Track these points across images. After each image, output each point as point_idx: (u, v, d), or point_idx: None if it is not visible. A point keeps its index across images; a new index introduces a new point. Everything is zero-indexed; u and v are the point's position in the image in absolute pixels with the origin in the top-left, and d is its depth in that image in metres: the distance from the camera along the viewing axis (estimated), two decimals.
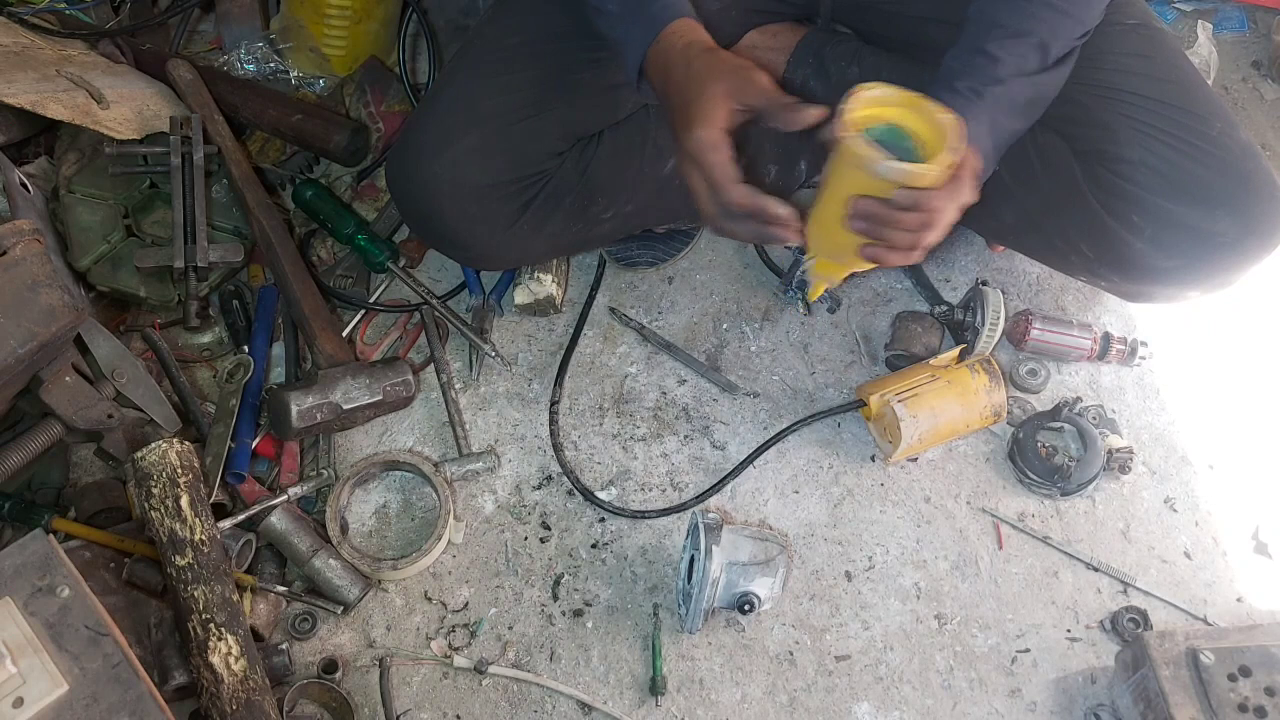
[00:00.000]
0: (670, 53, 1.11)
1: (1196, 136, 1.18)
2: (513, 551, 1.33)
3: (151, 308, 1.43)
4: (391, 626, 1.28)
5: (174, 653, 1.10)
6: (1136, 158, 1.19)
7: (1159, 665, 1.11)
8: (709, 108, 1.05)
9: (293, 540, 1.26)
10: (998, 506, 1.35)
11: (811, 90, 1.43)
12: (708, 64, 1.08)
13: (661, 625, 1.27)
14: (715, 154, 1.04)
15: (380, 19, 1.67)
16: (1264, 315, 1.51)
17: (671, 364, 1.46)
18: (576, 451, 1.40)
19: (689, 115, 1.06)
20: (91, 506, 1.25)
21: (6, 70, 1.38)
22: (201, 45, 1.74)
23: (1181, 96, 1.21)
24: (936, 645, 1.26)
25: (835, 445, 1.40)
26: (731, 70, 1.07)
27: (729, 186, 1.04)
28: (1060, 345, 1.43)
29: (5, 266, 1.10)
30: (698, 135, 1.04)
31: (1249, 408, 1.44)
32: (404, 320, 1.51)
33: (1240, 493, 1.37)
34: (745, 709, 1.22)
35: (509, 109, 1.24)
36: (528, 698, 1.23)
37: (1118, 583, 1.30)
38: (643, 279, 1.54)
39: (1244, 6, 1.83)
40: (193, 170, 1.42)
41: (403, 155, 1.29)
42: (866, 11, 1.41)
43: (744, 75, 1.06)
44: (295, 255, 1.43)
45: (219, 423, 1.32)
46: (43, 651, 0.95)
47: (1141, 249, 1.21)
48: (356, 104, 1.62)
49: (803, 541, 1.33)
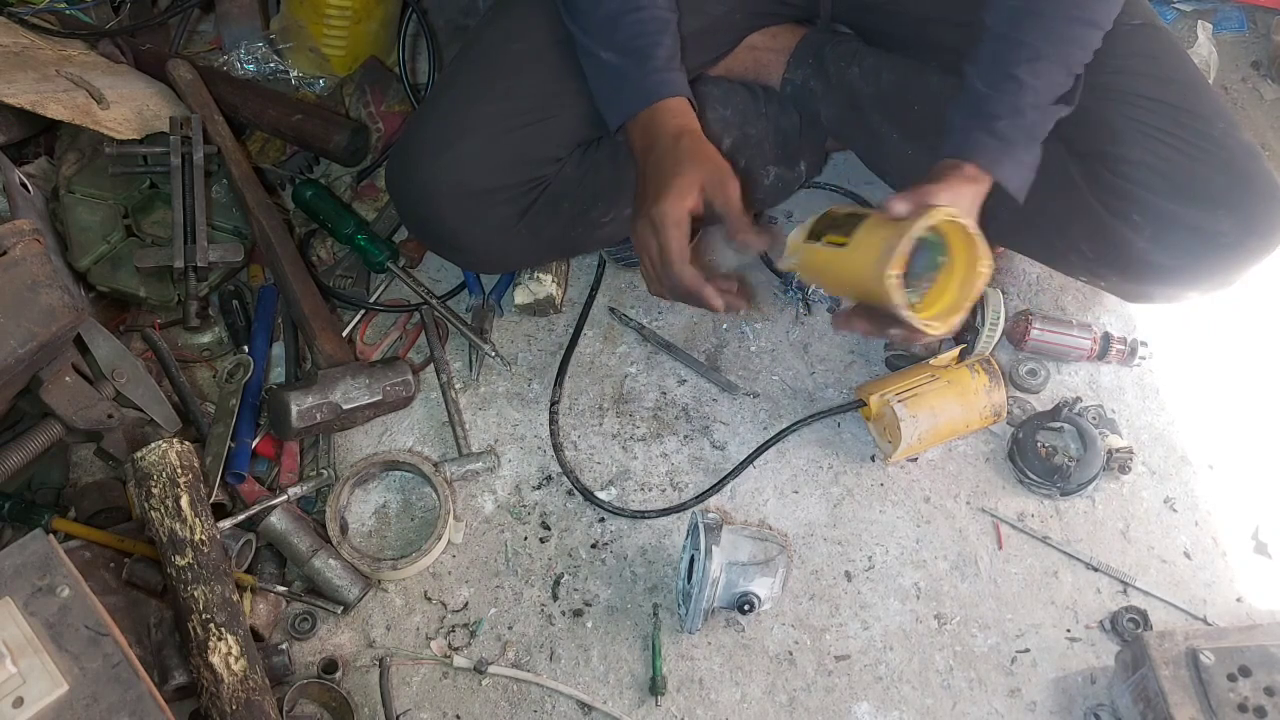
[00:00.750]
0: (661, 126, 1.17)
1: (1198, 137, 1.18)
2: (513, 551, 1.33)
3: (151, 308, 1.43)
4: (391, 626, 1.28)
5: (174, 653, 1.10)
6: (1138, 158, 1.19)
7: (1159, 665, 1.11)
8: (683, 187, 1.11)
9: (293, 540, 1.26)
10: (998, 506, 1.35)
11: (811, 90, 1.43)
12: (693, 150, 1.14)
13: (661, 625, 1.27)
14: (676, 230, 1.11)
15: (380, 19, 1.67)
16: (1264, 315, 1.51)
17: (671, 364, 1.46)
18: (576, 451, 1.40)
19: (661, 187, 1.12)
20: (91, 506, 1.25)
21: (6, 70, 1.38)
22: (201, 45, 1.74)
23: (1184, 97, 1.21)
24: (936, 645, 1.26)
25: (835, 445, 1.40)
26: (714, 167, 1.14)
27: (680, 266, 1.12)
28: (1060, 345, 1.43)
29: (5, 266, 1.10)
30: (665, 209, 1.11)
31: (1249, 408, 1.44)
32: (404, 320, 1.51)
33: (1240, 493, 1.37)
34: (745, 709, 1.22)
35: (509, 115, 1.25)
36: (528, 698, 1.23)
37: (1117, 583, 1.30)
38: (643, 279, 1.54)
39: (1244, 6, 1.83)
40: (193, 170, 1.42)
41: (403, 159, 1.29)
42: (867, 12, 1.41)
43: (721, 176, 1.13)
44: (295, 255, 1.43)
45: (219, 423, 1.32)
46: (43, 651, 0.95)
47: (1142, 248, 1.21)
48: (356, 104, 1.62)
49: (802, 541, 1.33)
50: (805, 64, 1.43)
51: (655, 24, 1.19)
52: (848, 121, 1.43)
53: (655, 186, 1.12)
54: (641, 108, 1.18)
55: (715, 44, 1.39)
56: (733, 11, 1.38)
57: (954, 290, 1.08)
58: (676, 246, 1.11)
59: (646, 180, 1.15)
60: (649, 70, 1.18)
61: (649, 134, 1.17)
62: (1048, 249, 1.34)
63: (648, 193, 1.14)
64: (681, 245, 1.11)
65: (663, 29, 1.19)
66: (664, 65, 1.18)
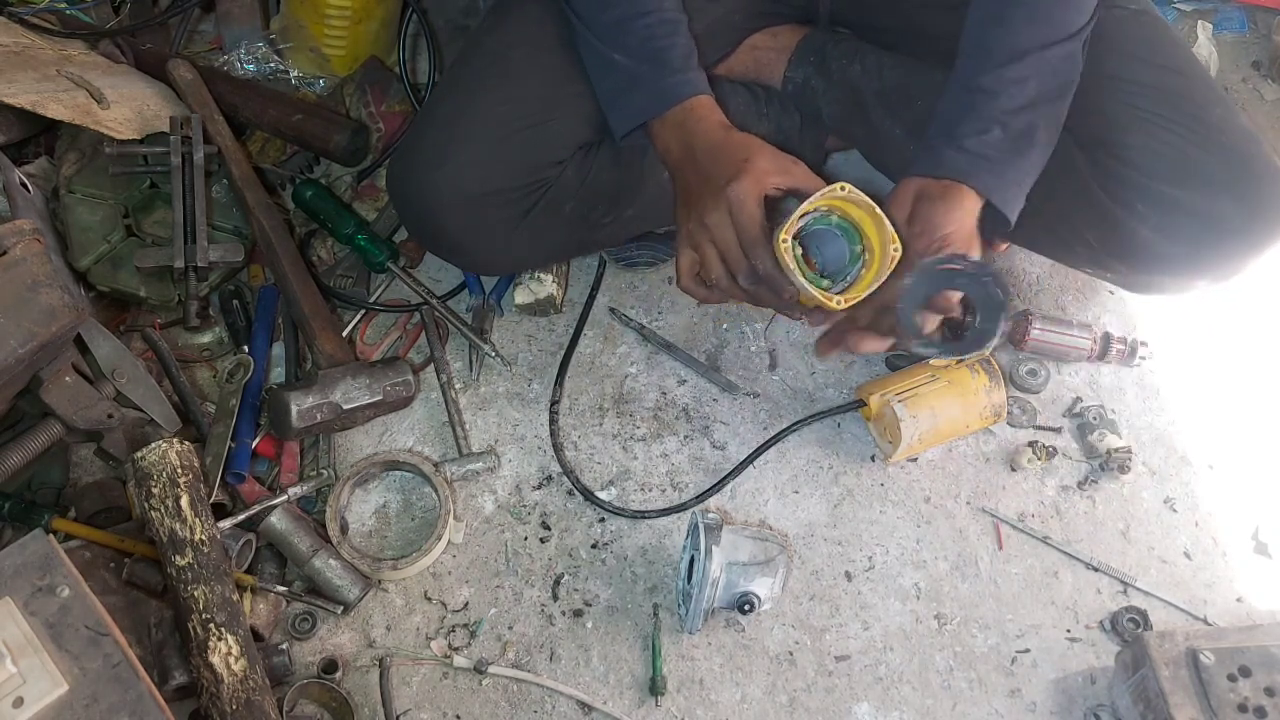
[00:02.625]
0: (700, 122, 1.13)
1: (1197, 122, 1.18)
2: (513, 551, 1.33)
3: (151, 308, 1.43)
4: (391, 626, 1.28)
5: (174, 653, 1.10)
6: (1139, 144, 1.18)
7: (1159, 665, 1.11)
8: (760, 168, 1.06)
9: (293, 540, 1.26)
10: (998, 506, 1.35)
11: (813, 89, 1.43)
12: (750, 139, 1.10)
13: (661, 625, 1.27)
14: (758, 209, 1.06)
15: (380, 19, 1.67)
16: (1264, 316, 1.51)
17: (671, 364, 1.46)
18: (576, 451, 1.40)
19: (734, 171, 1.06)
20: (91, 506, 1.25)
21: (6, 70, 1.38)
22: (201, 45, 1.74)
23: (1181, 83, 1.21)
24: (936, 645, 1.26)
25: (835, 445, 1.40)
26: (777, 152, 1.09)
27: (766, 245, 1.05)
28: (1060, 345, 1.43)
29: (5, 266, 1.10)
30: (744, 186, 1.05)
31: (1249, 408, 1.44)
32: (404, 320, 1.51)
33: (1240, 493, 1.37)
34: (745, 709, 1.22)
35: (510, 119, 1.24)
36: (528, 698, 1.23)
37: (1118, 583, 1.30)
38: (643, 279, 1.54)
39: (1244, 6, 1.83)
40: (193, 170, 1.42)
41: (404, 163, 1.29)
42: (866, 11, 1.41)
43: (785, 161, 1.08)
44: (295, 255, 1.43)
45: (219, 423, 1.32)
46: (43, 651, 0.94)
47: (1147, 237, 1.20)
48: (356, 104, 1.62)
49: (803, 541, 1.33)
50: (806, 62, 1.43)
51: (665, 27, 1.17)
52: (850, 119, 1.43)
53: (724, 172, 1.08)
54: (660, 110, 1.16)
55: (716, 46, 1.39)
56: (733, 13, 1.38)
57: (871, 274, 1.07)
58: (760, 224, 1.05)
59: (703, 173, 1.10)
60: (667, 72, 1.16)
61: (686, 131, 1.13)
62: (1054, 241, 1.33)
63: (710, 183, 1.09)
64: (764, 221, 1.06)
65: (674, 30, 1.18)
66: (683, 65, 1.17)
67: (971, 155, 1.09)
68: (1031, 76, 1.11)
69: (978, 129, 1.10)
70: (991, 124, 1.10)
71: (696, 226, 1.10)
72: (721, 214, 1.07)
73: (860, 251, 1.08)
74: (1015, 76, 1.10)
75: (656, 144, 1.18)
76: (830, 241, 1.08)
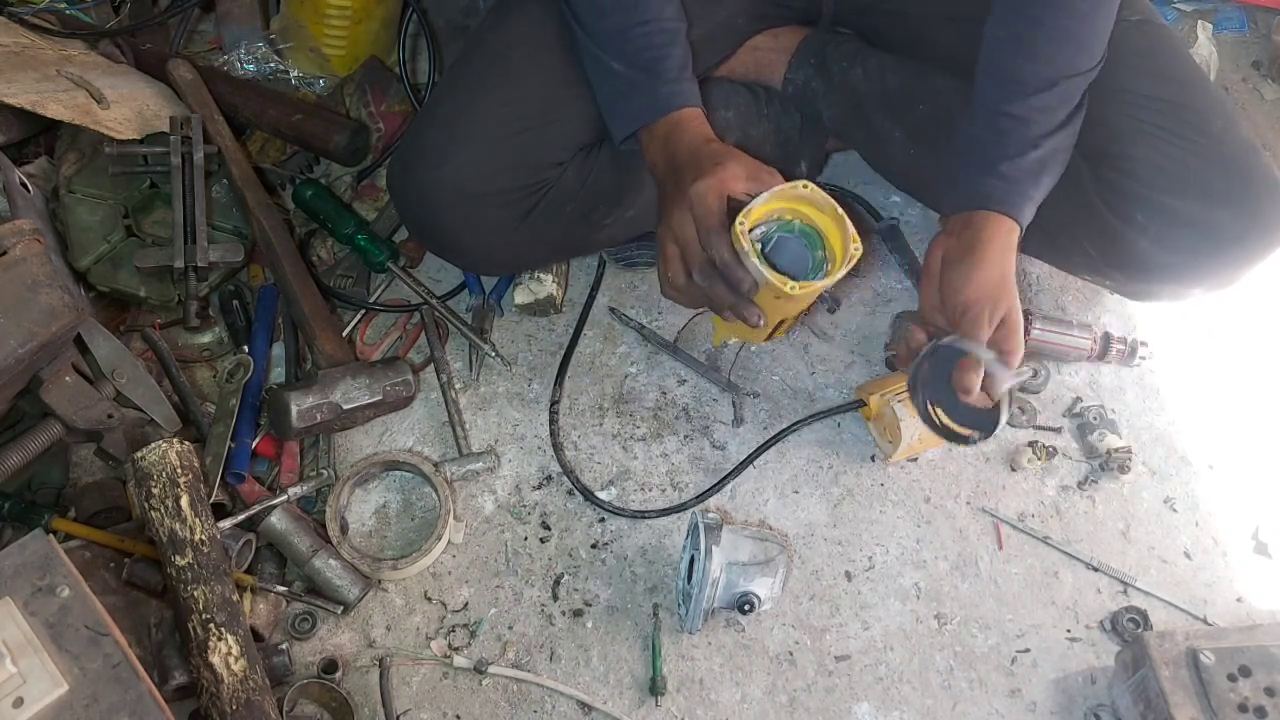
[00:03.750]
0: (684, 134, 1.14)
1: (1198, 133, 1.18)
2: (513, 551, 1.33)
3: (151, 308, 1.43)
4: (391, 626, 1.28)
5: (174, 653, 1.10)
6: (1140, 155, 1.19)
7: (1159, 665, 1.11)
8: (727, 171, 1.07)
9: (293, 540, 1.26)
10: (998, 506, 1.35)
11: (814, 90, 1.43)
12: (728, 150, 1.11)
13: (661, 625, 1.27)
14: (717, 202, 1.06)
15: (380, 19, 1.67)
16: (1264, 316, 1.51)
17: (671, 364, 1.46)
18: (576, 451, 1.40)
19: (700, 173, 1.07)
20: (91, 506, 1.25)
21: (6, 70, 1.38)
22: (201, 45, 1.74)
23: (1183, 93, 1.21)
24: (936, 645, 1.26)
25: (835, 445, 1.40)
26: (752, 161, 1.10)
27: (721, 233, 1.05)
28: (1060, 345, 1.43)
29: (5, 266, 1.10)
30: (708, 183, 1.06)
31: (1249, 408, 1.44)
32: (404, 320, 1.51)
33: (1240, 493, 1.37)
34: (745, 709, 1.22)
35: (511, 119, 1.24)
36: (528, 698, 1.23)
37: (1118, 583, 1.30)
38: (643, 279, 1.54)
39: (1244, 6, 1.83)
40: (193, 170, 1.42)
41: (404, 164, 1.29)
42: (868, 13, 1.41)
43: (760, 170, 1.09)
44: (295, 255, 1.43)
45: (219, 423, 1.32)
46: (43, 651, 0.94)
47: (1146, 247, 1.21)
48: (356, 104, 1.62)
49: (803, 541, 1.33)
50: (807, 64, 1.43)
51: (663, 35, 1.17)
52: (850, 121, 1.43)
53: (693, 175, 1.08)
54: (653, 118, 1.16)
55: (718, 48, 1.39)
56: (735, 16, 1.38)
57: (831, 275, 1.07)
58: (719, 217, 1.05)
59: (679, 177, 1.11)
60: (661, 82, 1.17)
61: (670, 143, 1.15)
62: (1053, 250, 1.34)
63: (681, 185, 1.09)
64: (722, 214, 1.05)
65: (671, 40, 1.18)
66: (676, 76, 1.17)
67: (1008, 182, 1.11)
68: (1060, 104, 1.13)
69: (1012, 154, 1.12)
70: (1025, 149, 1.12)
71: (664, 228, 1.11)
72: (683, 211, 1.08)
73: (822, 259, 1.08)
74: (1044, 105, 1.12)
75: (646, 156, 1.18)
76: (792, 249, 1.09)
